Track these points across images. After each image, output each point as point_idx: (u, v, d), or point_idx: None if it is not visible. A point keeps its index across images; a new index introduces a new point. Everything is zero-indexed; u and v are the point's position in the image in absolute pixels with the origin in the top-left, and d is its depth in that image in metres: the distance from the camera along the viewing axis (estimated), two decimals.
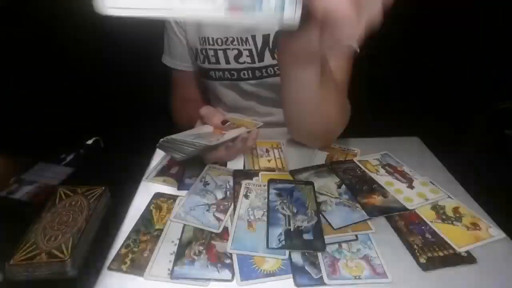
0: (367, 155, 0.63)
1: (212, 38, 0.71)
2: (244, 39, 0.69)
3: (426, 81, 1.14)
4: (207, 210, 0.49)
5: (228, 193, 0.53)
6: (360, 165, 0.60)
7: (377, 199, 0.52)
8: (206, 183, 0.55)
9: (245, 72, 0.72)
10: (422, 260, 0.42)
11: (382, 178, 0.56)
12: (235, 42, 0.70)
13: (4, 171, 0.69)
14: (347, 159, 0.62)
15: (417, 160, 0.61)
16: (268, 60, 0.71)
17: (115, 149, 0.74)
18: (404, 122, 0.80)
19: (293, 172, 0.58)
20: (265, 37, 0.69)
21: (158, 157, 0.62)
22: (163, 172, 0.59)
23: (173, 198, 0.52)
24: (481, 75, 1.15)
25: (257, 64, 0.71)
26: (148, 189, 0.54)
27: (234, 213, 0.48)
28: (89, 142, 0.75)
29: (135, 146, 0.71)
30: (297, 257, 0.42)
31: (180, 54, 0.78)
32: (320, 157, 0.63)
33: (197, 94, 0.86)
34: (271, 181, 0.54)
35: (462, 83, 1.16)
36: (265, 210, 0.49)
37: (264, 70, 0.72)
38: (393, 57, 0.76)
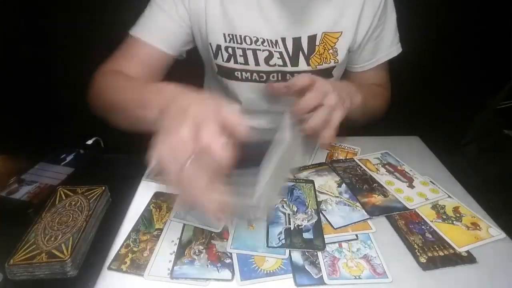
0: (368, 154, 0.63)
1: (240, 36, 0.67)
2: (274, 42, 0.67)
3: (426, 81, 1.14)
4: None
5: None
6: (361, 164, 0.60)
7: (377, 199, 0.52)
8: None
9: (275, 74, 0.71)
10: (422, 260, 0.42)
11: (383, 177, 0.56)
12: (266, 44, 0.67)
13: (4, 171, 0.69)
14: (347, 157, 0.62)
15: (417, 160, 0.61)
16: (302, 65, 0.69)
17: (115, 149, 0.74)
18: (404, 122, 0.80)
19: (293, 170, 0.58)
20: (296, 41, 0.67)
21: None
22: (163, 171, 0.58)
23: (173, 197, 0.52)
24: (481, 75, 1.15)
25: (289, 68, 0.69)
26: (148, 189, 0.54)
27: None
28: (89, 142, 0.75)
29: (135, 146, 0.71)
30: (297, 257, 0.42)
31: (167, 32, 0.69)
32: (321, 156, 0.63)
33: (151, 76, 0.72)
34: None
35: (462, 83, 1.16)
36: None
37: (296, 75, 0.68)
38: (393, 57, 0.76)
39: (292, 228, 0.46)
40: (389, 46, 0.73)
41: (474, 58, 1.15)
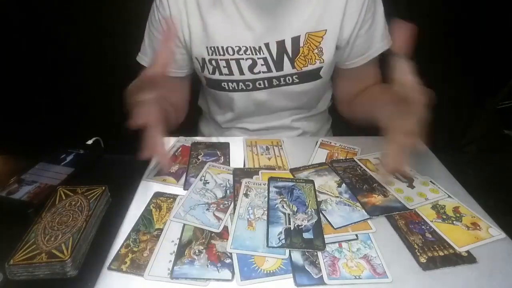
0: (368, 154, 0.63)
1: (223, 47, 0.67)
2: (258, 48, 0.67)
3: (426, 81, 1.14)
4: (207, 209, 0.49)
5: (228, 192, 0.53)
6: (361, 164, 0.60)
7: (377, 198, 0.52)
8: (206, 182, 0.55)
9: (261, 82, 0.70)
10: (422, 260, 0.42)
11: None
12: (248, 52, 0.67)
13: (4, 171, 0.69)
14: (347, 157, 0.62)
15: (417, 160, 0.61)
16: (287, 69, 0.68)
17: (115, 149, 0.74)
18: None
19: (293, 171, 0.58)
20: (279, 44, 0.66)
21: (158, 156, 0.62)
22: (163, 171, 0.59)
23: (173, 197, 0.52)
24: (481, 75, 1.15)
25: (274, 73, 0.69)
26: (148, 189, 0.54)
27: (234, 212, 0.48)
28: (89, 142, 0.75)
29: (135, 146, 0.71)
30: (297, 257, 0.42)
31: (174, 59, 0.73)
32: (320, 156, 0.63)
33: (178, 100, 0.80)
34: (271, 179, 0.54)
35: (462, 83, 1.16)
36: (265, 209, 0.49)
37: (282, 79, 0.70)
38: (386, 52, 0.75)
39: (292, 228, 0.46)
40: (380, 40, 0.72)
41: (474, 58, 1.15)
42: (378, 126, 0.74)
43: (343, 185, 0.55)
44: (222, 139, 0.68)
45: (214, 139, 0.68)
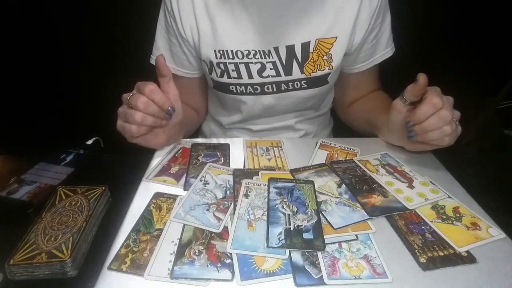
0: (367, 154, 0.63)
1: (232, 51, 0.67)
2: (267, 52, 0.66)
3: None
4: (207, 210, 0.49)
5: (228, 192, 0.53)
6: (360, 165, 0.60)
7: (377, 199, 0.52)
8: (206, 183, 0.55)
9: (269, 86, 0.70)
10: (422, 260, 0.42)
11: (382, 178, 0.56)
12: (258, 56, 0.67)
13: (4, 171, 0.69)
14: (347, 158, 0.62)
15: (417, 160, 0.61)
16: (296, 74, 0.68)
17: (115, 149, 0.74)
18: None
19: (293, 171, 0.58)
20: (289, 48, 0.66)
21: (158, 157, 0.62)
22: (163, 172, 0.59)
23: (173, 197, 0.52)
24: (481, 75, 1.15)
25: (283, 78, 0.69)
26: (148, 189, 0.54)
27: (234, 213, 0.48)
28: (89, 142, 0.75)
29: (135, 146, 0.71)
30: (297, 257, 0.42)
31: (184, 61, 0.75)
32: (320, 156, 0.63)
33: (199, 101, 0.83)
34: (271, 180, 0.54)
35: (462, 83, 1.16)
36: (265, 210, 0.49)
37: (290, 84, 0.69)
38: (393, 57, 0.76)
39: (292, 229, 0.46)
40: (385, 46, 0.73)
41: (473, 58, 1.15)
42: (371, 135, 0.74)
43: (343, 185, 0.55)
44: (222, 140, 0.68)
45: (214, 140, 0.68)
